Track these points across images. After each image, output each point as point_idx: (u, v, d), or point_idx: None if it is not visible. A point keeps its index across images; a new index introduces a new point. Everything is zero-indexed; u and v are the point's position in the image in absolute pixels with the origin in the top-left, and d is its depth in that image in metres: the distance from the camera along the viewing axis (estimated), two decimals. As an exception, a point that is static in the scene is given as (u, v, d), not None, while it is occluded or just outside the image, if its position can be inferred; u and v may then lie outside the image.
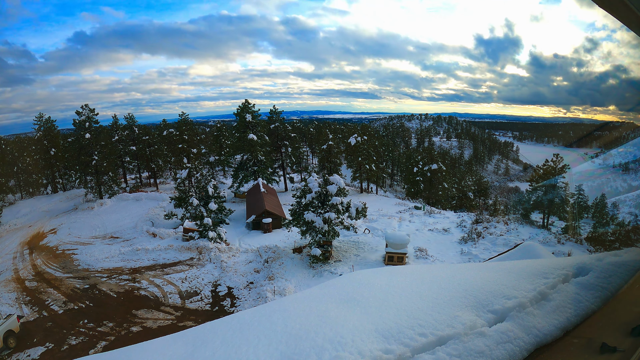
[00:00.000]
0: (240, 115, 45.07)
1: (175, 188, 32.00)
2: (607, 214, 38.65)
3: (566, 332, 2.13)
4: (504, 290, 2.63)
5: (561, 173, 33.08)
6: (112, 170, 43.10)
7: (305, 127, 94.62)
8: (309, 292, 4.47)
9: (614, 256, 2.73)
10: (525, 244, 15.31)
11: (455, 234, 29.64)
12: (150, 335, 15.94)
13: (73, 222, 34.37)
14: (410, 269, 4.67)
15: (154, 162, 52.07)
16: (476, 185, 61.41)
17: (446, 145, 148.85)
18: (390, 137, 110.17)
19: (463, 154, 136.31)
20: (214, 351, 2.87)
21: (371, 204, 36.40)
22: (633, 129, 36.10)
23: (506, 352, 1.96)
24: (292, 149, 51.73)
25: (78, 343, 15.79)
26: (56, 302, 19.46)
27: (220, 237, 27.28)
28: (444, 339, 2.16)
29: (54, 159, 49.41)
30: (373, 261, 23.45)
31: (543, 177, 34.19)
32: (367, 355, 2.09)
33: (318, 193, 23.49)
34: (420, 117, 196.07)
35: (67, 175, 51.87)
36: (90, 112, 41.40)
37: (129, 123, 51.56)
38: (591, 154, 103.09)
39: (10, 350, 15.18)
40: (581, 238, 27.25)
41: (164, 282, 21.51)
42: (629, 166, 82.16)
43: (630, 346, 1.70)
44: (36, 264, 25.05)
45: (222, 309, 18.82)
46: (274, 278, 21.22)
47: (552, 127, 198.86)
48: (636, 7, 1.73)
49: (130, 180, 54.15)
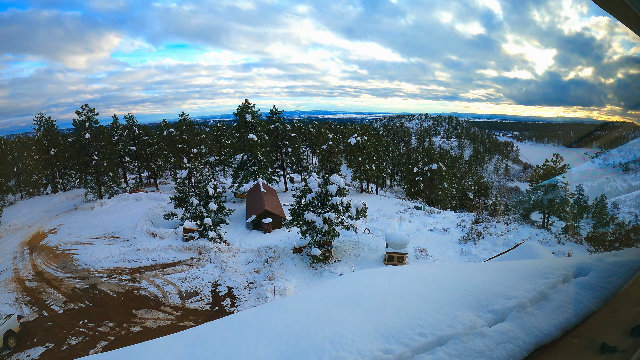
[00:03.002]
0: (240, 115, 45.08)
1: (175, 188, 32.00)
2: (607, 214, 38.66)
3: (566, 332, 2.12)
4: (504, 290, 2.63)
5: (561, 173, 33.10)
6: (112, 170, 43.06)
7: (305, 127, 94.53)
8: (309, 292, 4.48)
9: (614, 256, 2.73)
10: (525, 244, 15.31)
11: (455, 234, 29.64)
12: (150, 335, 15.95)
13: (73, 222, 34.36)
14: (410, 269, 4.68)
15: (154, 162, 52.09)
16: (476, 185, 61.37)
17: (446, 145, 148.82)
18: (390, 137, 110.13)
19: (463, 154, 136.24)
20: (214, 351, 2.88)
21: (371, 204, 36.39)
22: (633, 129, 36.12)
23: (506, 352, 1.96)
24: (292, 149, 51.76)
25: (78, 343, 15.79)
26: (56, 302, 19.46)
27: (220, 237, 27.30)
28: (443, 339, 2.16)
29: (54, 159, 49.37)
30: (373, 261, 23.45)
31: (543, 177, 34.21)
32: (367, 355, 2.09)
33: (318, 193, 23.50)
34: (420, 117, 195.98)
35: (67, 175, 51.93)
36: (90, 112, 41.37)
37: (129, 123, 51.57)
38: (591, 154, 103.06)
39: (10, 350, 15.19)
40: (581, 238, 27.26)
41: (164, 282, 21.52)
42: (629, 166, 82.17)
43: (630, 346, 1.70)
44: (36, 264, 25.05)
45: (222, 309, 18.82)
46: (274, 278, 21.22)
47: (552, 127, 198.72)
48: (636, 7, 1.73)
49: (130, 180, 54.12)
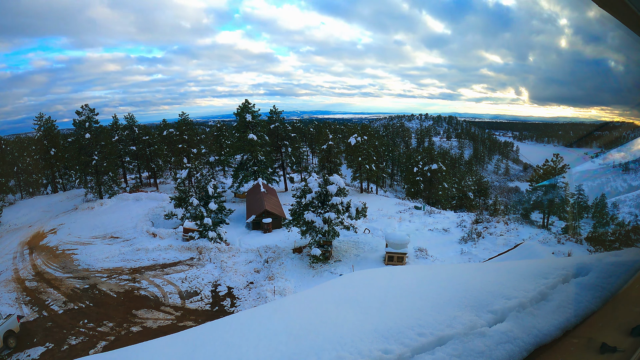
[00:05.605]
0: (240, 115, 45.10)
1: (175, 188, 32.01)
2: (607, 214, 38.63)
3: (566, 332, 2.12)
4: (504, 291, 2.63)
5: (561, 173, 33.10)
6: (112, 170, 43.04)
7: (305, 127, 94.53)
8: (309, 292, 4.48)
9: (614, 256, 2.73)
10: (525, 244, 15.32)
11: (455, 233, 29.65)
12: (151, 335, 15.96)
13: (73, 222, 34.35)
14: (410, 269, 4.68)
15: (154, 162, 52.10)
16: (476, 185, 61.35)
17: (446, 145, 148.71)
18: (390, 137, 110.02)
19: (463, 154, 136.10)
20: (214, 351, 2.88)
21: (371, 204, 36.38)
22: (633, 129, 35.66)
23: (506, 353, 1.96)
24: (292, 149, 51.75)
25: (78, 343, 15.79)
26: (56, 302, 19.46)
27: (220, 237, 27.30)
28: (443, 339, 2.16)
29: (54, 159, 49.32)
30: (373, 261, 23.44)
31: (543, 177, 34.23)
32: (367, 355, 2.09)
33: (318, 193, 23.49)
34: (420, 117, 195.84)
35: (67, 175, 51.95)
36: (90, 112, 41.35)
37: (129, 123, 51.58)
38: (592, 154, 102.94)
39: (10, 350, 15.18)
40: (581, 238, 27.22)
41: (164, 282, 21.51)
42: (629, 166, 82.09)
43: (630, 346, 1.70)
44: (36, 264, 25.04)
45: (222, 309, 18.82)
46: (274, 278, 21.22)
47: (552, 127, 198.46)
48: (636, 7, 1.73)
49: (130, 180, 54.12)
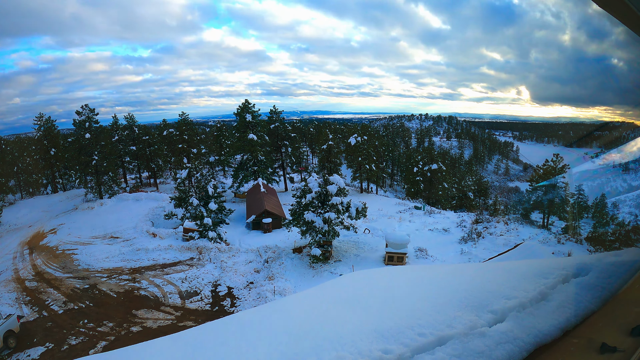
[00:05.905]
0: (240, 115, 45.10)
1: (175, 188, 32.00)
2: (607, 214, 38.62)
3: (566, 332, 2.12)
4: (504, 291, 2.63)
5: (561, 173, 33.09)
6: (112, 170, 43.03)
7: (305, 127, 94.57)
8: (309, 292, 4.48)
9: (614, 256, 2.72)
10: (525, 244, 15.32)
11: (455, 233, 29.64)
12: (150, 335, 15.96)
13: (73, 222, 34.34)
14: (410, 269, 4.68)
15: (154, 162, 52.08)
16: (476, 185, 61.40)
17: (446, 145, 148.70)
18: (390, 137, 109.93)
19: (463, 154, 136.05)
20: (214, 352, 2.88)
21: (371, 204, 36.38)
22: (633, 129, 35.88)
23: (506, 353, 1.96)
24: (292, 149, 51.73)
25: (78, 343, 15.79)
26: (56, 302, 19.46)
27: (220, 237, 27.31)
28: (443, 339, 2.16)
29: (54, 159, 49.30)
30: (373, 261, 23.44)
31: (543, 177, 34.23)
32: (367, 355, 2.09)
33: (318, 193, 23.49)
34: (420, 117, 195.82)
35: (67, 175, 51.88)
36: (90, 112, 41.35)
37: (129, 123, 51.57)
38: (592, 154, 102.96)
39: (10, 350, 15.18)
40: (581, 238, 27.23)
41: (164, 282, 21.51)
42: (629, 166, 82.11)
43: (630, 346, 1.70)
44: (36, 264, 25.04)
45: (222, 309, 18.83)
46: (274, 278, 21.22)
47: (552, 127, 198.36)
48: (636, 7, 1.73)
49: (130, 180, 54.13)
